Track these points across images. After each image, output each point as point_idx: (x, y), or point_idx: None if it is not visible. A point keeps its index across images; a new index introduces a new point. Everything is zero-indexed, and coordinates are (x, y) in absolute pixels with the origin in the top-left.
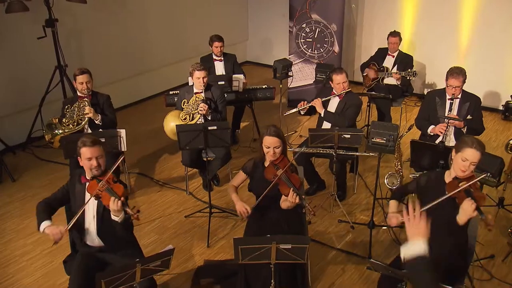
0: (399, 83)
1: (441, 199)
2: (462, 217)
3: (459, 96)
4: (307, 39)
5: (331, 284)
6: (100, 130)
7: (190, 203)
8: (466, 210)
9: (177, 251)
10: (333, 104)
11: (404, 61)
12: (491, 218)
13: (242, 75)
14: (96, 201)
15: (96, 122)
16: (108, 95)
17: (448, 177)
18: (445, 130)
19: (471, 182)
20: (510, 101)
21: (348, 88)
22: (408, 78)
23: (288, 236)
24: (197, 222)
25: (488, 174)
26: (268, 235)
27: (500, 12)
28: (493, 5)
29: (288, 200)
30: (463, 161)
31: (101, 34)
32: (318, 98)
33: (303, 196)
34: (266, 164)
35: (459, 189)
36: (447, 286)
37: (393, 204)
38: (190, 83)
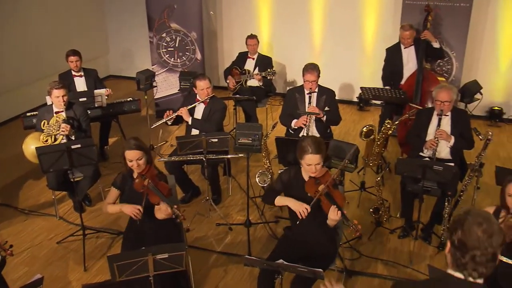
0: (261, 84)
1: (312, 203)
2: (331, 223)
3: (316, 90)
4: (168, 49)
5: (215, 287)
6: None
7: (61, 228)
8: (333, 219)
9: (52, 280)
10: (199, 110)
11: (264, 63)
12: (357, 223)
13: (104, 89)
14: None
15: None
16: None
17: (305, 172)
18: (307, 122)
19: (328, 182)
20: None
21: (212, 94)
22: (269, 78)
23: (163, 246)
24: (71, 246)
25: (346, 161)
26: (143, 248)
27: (345, 12)
28: (338, 6)
29: (158, 209)
30: (308, 166)
31: None
32: (184, 107)
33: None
34: (135, 176)
35: (318, 194)
36: (319, 269)
37: (280, 198)
38: (49, 103)
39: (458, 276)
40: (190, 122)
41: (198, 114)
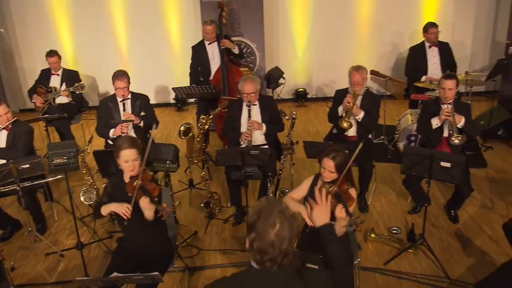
0: (71, 99)
1: (133, 201)
2: (147, 213)
3: (129, 97)
4: None
5: None
6: None
7: None
8: (144, 207)
9: None
10: (2, 138)
11: (71, 77)
12: (165, 206)
13: None
14: None
15: None
16: None
17: (126, 176)
18: (125, 130)
19: (141, 175)
20: None
21: (13, 118)
22: (77, 92)
23: None
24: None
25: (168, 162)
26: None
27: (147, 14)
28: (138, 8)
29: None
30: (126, 163)
31: None
32: None
33: None
34: None
35: (135, 191)
36: (155, 273)
37: (104, 207)
38: None
39: (258, 267)
40: None
41: (2, 142)
